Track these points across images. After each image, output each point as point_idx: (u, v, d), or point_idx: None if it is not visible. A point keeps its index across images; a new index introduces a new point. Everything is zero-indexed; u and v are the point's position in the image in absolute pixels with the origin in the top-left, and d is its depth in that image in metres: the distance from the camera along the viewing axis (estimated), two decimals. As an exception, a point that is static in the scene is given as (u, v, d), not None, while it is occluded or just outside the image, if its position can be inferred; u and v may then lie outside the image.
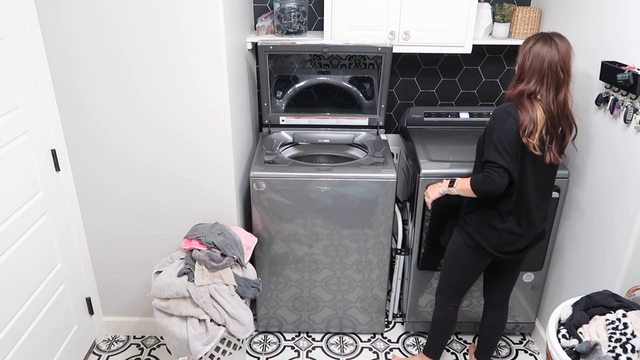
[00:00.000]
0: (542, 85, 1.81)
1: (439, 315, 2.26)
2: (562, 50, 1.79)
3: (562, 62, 1.79)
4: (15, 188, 1.89)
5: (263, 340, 2.67)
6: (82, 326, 2.46)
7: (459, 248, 2.09)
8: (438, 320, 2.27)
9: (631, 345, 1.55)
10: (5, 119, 1.82)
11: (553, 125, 1.82)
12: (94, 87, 2.09)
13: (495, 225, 1.96)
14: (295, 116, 2.69)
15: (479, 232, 2.00)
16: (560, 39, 1.80)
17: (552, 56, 1.78)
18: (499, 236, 1.97)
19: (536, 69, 1.80)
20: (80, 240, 2.38)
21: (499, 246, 1.99)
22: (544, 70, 1.79)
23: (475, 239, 2.01)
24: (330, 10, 2.36)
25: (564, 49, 1.79)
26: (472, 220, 2.02)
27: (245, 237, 2.30)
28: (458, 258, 2.11)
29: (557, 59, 1.78)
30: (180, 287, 2.05)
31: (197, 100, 2.11)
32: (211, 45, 2.01)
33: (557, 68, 1.79)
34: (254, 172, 2.30)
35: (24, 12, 1.89)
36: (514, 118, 1.81)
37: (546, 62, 1.78)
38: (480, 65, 2.82)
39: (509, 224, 1.95)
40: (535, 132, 1.79)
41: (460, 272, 2.14)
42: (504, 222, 1.95)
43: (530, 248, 2.05)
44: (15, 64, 1.86)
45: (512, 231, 1.96)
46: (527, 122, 1.79)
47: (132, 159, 2.23)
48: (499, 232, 1.97)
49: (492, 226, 1.97)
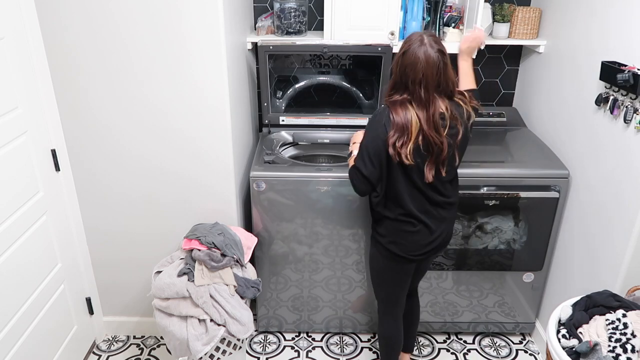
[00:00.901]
0: (410, 89, 1.74)
1: (381, 332, 2.21)
2: (431, 53, 1.70)
3: (430, 67, 1.70)
4: (15, 188, 1.89)
5: (263, 340, 2.67)
6: (82, 326, 2.46)
7: (378, 261, 2.04)
8: (382, 338, 2.22)
9: (631, 345, 1.55)
10: (5, 119, 1.82)
11: (429, 145, 1.75)
12: (94, 87, 2.09)
13: (403, 229, 1.90)
14: (295, 116, 2.68)
15: (392, 242, 1.94)
16: (431, 44, 1.72)
17: (421, 59, 1.70)
18: (407, 241, 1.92)
19: (405, 72, 1.73)
20: (80, 240, 2.38)
21: (411, 250, 1.93)
22: (411, 73, 1.71)
23: (389, 249, 1.95)
24: (330, 10, 2.36)
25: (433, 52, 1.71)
26: (382, 231, 1.96)
27: (245, 237, 2.30)
28: (381, 271, 2.06)
29: (425, 62, 1.70)
30: (180, 287, 2.05)
31: (198, 100, 2.11)
32: (211, 44, 2.01)
33: (426, 71, 1.70)
34: (254, 172, 2.30)
35: (24, 12, 1.89)
36: (384, 125, 1.75)
37: (414, 65, 1.70)
38: (480, 65, 2.82)
39: (412, 227, 1.89)
40: (409, 142, 1.73)
41: (388, 285, 2.08)
42: (408, 226, 1.89)
43: (445, 244, 2.00)
44: (15, 64, 1.86)
45: (416, 233, 1.90)
46: (399, 132, 1.73)
47: (131, 159, 2.23)
48: (406, 237, 1.91)
49: (400, 231, 1.91)
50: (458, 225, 2.38)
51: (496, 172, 2.31)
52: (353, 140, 2.04)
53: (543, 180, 2.30)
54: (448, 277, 2.53)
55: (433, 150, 1.77)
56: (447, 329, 2.70)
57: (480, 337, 2.71)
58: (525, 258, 2.46)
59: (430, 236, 1.92)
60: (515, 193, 2.30)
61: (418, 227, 1.90)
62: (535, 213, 2.35)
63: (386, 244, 1.96)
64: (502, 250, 2.44)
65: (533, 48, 2.62)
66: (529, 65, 2.74)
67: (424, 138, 1.75)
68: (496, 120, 2.75)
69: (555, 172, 2.30)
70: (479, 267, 2.48)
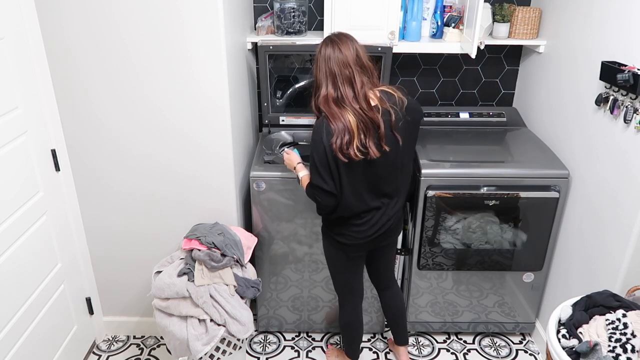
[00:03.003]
0: (338, 87, 1.81)
1: (340, 319, 2.31)
2: (345, 50, 1.80)
3: (347, 59, 1.80)
4: (15, 188, 1.89)
5: (263, 340, 2.67)
6: (82, 326, 2.46)
7: (329, 251, 2.14)
8: (341, 324, 2.32)
9: (631, 345, 1.55)
10: (5, 119, 1.82)
11: (365, 125, 1.81)
12: (94, 87, 2.09)
13: (349, 222, 1.98)
14: (295, 116, 2.68)
15: (339, 233, 2.02)
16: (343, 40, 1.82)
17: (337, 57, 1.80)
18: (353, 231, 1.99)
19: (327, 73, 1.81)
20: (80, 240, 2.38)
21: (356, 237, 2.01)
22: (333, 72, 1.80)
23: (337, 239, 2.04)
24: (330, 10, 2.36)
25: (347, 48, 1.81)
26: (330, 223, 2.05)
27: (245, 237, 2.30)
28: (334, 260, 2.16)
29: (342, 59, 1.80)
30: (180, 287, 2.05)
31: (198, 99, 2.11)
32: (211, 44, 2.01)
33: (346, 67, 1.80)
34: (254, 172, 2.30)
35: (24, 12, 1.89)
36: (325, 137, 1.80)
37: (332, 63, 1.80)
38: (480, 65, 2.82)
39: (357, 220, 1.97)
40: (354, 139, 1.78)
41: (341, 273, 2.18)
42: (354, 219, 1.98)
43: (393, 230, 2.07)
44: (15, 64, 1.86)
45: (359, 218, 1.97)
46: (341, 135, 1.78)
47: (132, 159, 2.23)
48: (349, 225, 1.99)
49: (346, 224, 1.99)
50: (458, 225, 2.38)
51: (496, 172, 2.31)
52: (289, 165, 2.13)
53: (543, 180, 2.30)
54: (448, 277, 2.53)
55: (368, 127, 1.81)
56: (447, 329, 2.70)
57: (480, 337, 2.71)
58: (525, 258, 2.46)
59: (375, 226, 1.99)
60: (515, 193, 2.30)
61: (364, 219, 1.97)
62: (535, 213, 2.35)
63: (335, 236, 2.04)
64: (502, 250, 2.44)
65: (533, 48, 2.62)
66: (528, 65, 2.74)
67: (360, 122, 1.80)
68: (496, 120, 2.75)
69: (555, 172, 2.30)
70: (479, 267, 2.48)
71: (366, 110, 1.80)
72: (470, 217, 2.37)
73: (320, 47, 1.85)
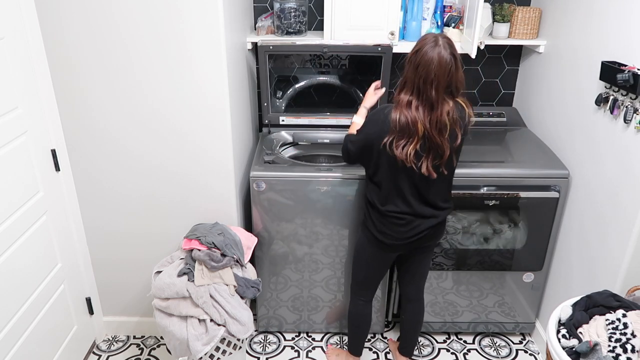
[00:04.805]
0: (425, 92, 1.76)
1: (350, 309, 2.31)
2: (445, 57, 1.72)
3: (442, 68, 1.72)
4: (15, 188, 1.89)
5: (263, 340, 2.67)
6: (82, 326, 2.46)
7: (362, 245, 2.15)
8: (350, 315, 2.32)
9: (631, 345, 1.55)
10: (5, 119, 1.82)
11: (429, 147, 1.80)
12: (94, 87, 2.09)
13: (390, 221, 1.98)
14: (295, 116, 2.68)
15: (378, 230, 2.02)
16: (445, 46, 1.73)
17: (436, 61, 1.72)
18: (393, 231, 1.99)
19: (420, 74, 1.75)
20: (80, 240, 2.38)
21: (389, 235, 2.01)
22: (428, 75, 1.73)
23: (374, 234, 2.04)
24: (330, 10, 2.36)
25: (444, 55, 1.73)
26: (369, 218, 2.05)
27: (245, 237, 2.30)
28: (362, 255, 2.17)
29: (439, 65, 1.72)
30: (180, 287, 2.05)
31: (198, 100, 2.11)
32: (211, 44, 2.01)
33: (442, 74, 1.73)
34: (254, 172, 2.30)
35: (24, 12, 1.89)
36: (383, 123, 1.81)
37: (430, 67, 1.72)
38: (480, 65, 2.82)
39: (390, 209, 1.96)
40: (412, 142, 1.78)
41: (365, 269, 2.19)
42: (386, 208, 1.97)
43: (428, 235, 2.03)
44: (15, 64, 1.86)
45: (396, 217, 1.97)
46: (401, 131, 1.78)
47: (131, 159, 2.23)
48: (392, 227, 1.99)
49: (388, 223, 1.99)
50: (458, 225, 2.38)
51: (496, 172, 2.31)
52: (365, 100, 2.16)
53: (543, 180, 2.30)
54: (448, 277, 2.53)
55: (432, 151, 1.80)
56: (447, 329, 2.70)
57: (480, 337, 2.71)
58: (525, 258, 2.46)
59: (415, 229, 1.98)
60: (515, 193, 2.30)
61: (405, 220, 1.97)
62: (535, 213, 2.35)
63: (374, 232, 2.04)
64: (502, 250, 2.44)
65: (533, 48, 2.62)
66: (529, 65, 2.74)
67: (425, 139, 1.78)
68: (496, 120, 2.75)
69: (555, 172, 2.30)
70: (479, 267, 2.48)
71: (435, 137, 1.78)
72: (470, 217, 2.37)
73: (419, 43, 1.76)
